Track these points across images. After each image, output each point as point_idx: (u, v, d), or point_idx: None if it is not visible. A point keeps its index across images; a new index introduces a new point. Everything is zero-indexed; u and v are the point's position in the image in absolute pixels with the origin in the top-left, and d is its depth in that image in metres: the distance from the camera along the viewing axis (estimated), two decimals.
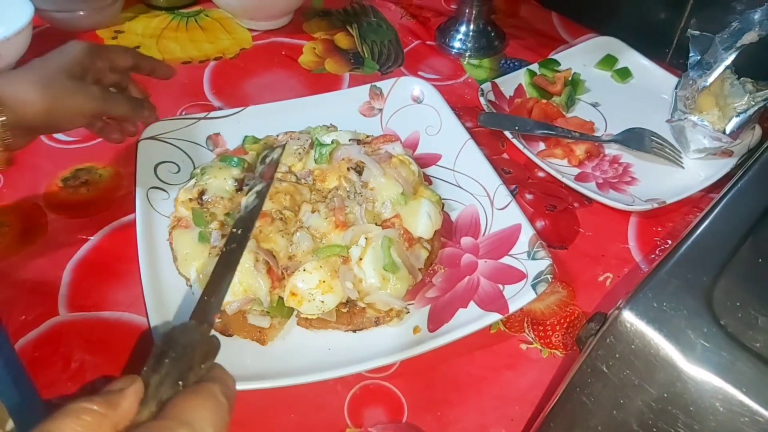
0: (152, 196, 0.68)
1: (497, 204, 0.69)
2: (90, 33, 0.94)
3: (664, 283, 0.40)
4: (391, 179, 0.65)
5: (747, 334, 0.38)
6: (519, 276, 0.63)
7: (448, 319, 0.60)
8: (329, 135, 0.71)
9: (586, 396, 0.41)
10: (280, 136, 0.74)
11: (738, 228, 0.44)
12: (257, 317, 0.58)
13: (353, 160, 0.67)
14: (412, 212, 0.65)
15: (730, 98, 0.74)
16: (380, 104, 0.80)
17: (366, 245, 0.61)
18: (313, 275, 0.58)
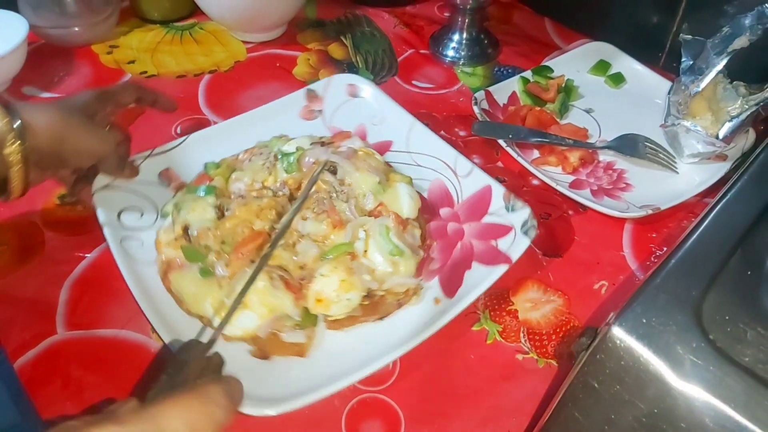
0: (127, 246, 0.64)
1: (461, 173, 0.73)
2: (85, 48, 0.95)
3: (653, 297, 0.40)
4: (365, 171, 0.67)
5: (736, 349, 0.38)
6: (506, 229, 0.66)
7: (460, 283, 0.63)
8: (288, 144, 0.72)
9: (578, 411, 0.41)
10: (240, 156, 0.73)
11: (727, 240, 0.44)
12: (291, 334, 0.58)
13: (323, 161, 0.67)
14: (393, 197, 0.68)
15: (723, 102, 0.74)
16: (319, 105, 0.81)
17: (366, 237, 0.63)
18: (332, 278, 0.59)
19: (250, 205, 0.64)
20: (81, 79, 0.90)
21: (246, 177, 0.67)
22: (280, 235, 0.59)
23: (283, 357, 0.57)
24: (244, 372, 0.52)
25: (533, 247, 0.70)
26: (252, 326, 0.57)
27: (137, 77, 0.88)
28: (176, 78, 0.91)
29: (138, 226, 0.66)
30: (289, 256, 0.61)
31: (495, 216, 0.68)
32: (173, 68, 0.92)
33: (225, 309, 0.55)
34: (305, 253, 0.61)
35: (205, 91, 0.89)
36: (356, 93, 0.82)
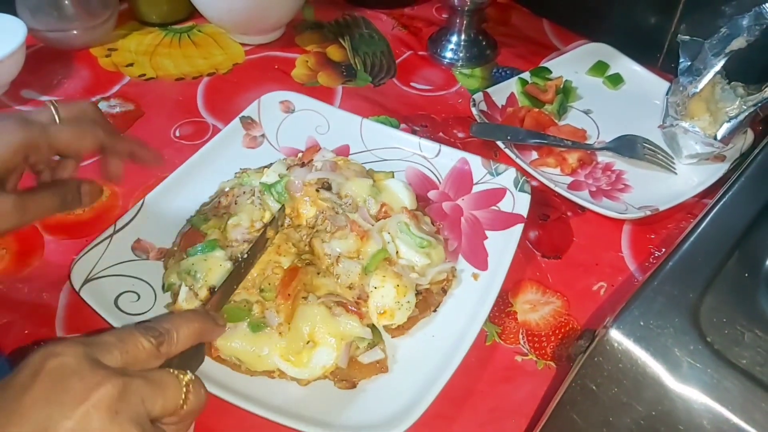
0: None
1: (429, 155, 0.75)
2: (83, 51, 0.95)
3: (651, 300, 0.40)
4: (356, 179, 0.68)
5: (733, 351, 0.38)
6: (500, 192, 0.70)
7: (484, 254, 0.66)
8: (266, 175, 0.69)
9: (576, 414, 0.41)
10: (222, 201, 0.68)
11: (724, 243, 0.44)
12: (369, 354, 0.58)
13: (313, 182, 0.66)
14: (390, 195, 0.68)
15: (721, 103, 0.74)
16: (259, 131, 0.79)
17: (393, 239, 0.63)
18: (386, 287, 0.59)
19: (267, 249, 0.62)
20: (79, 82, 0.90)
21: (243, 220, 0.64)
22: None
23: (368, 379, 0.57)
24: (343, 407, 0.55)
25: (532, 249, 0.70)
26: (330, 361, 0.56)
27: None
28: (175, 80, 0.91)
29: (142, 310, 0.61)
30: (333, 281, 0.60)
31: (483, 184, 0.71)
32: (172, 71, 0.92)
33: (295, 355, 0.55)
34: (348, 273, 0.60)
35: (204, 94, 0.89)
36: (291, 108, 0.80)
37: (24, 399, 0.37)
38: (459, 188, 0.72)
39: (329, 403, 0.55)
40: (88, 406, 0.37)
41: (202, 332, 0.47)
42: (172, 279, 0.62)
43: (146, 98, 0.88)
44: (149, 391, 0.39)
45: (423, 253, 0.63)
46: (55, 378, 0.37)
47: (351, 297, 0.59)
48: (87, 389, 0.37)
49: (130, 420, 0.37)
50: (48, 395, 0.37)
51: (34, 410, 0.36)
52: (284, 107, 0.81)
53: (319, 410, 0.54)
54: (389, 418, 0.53)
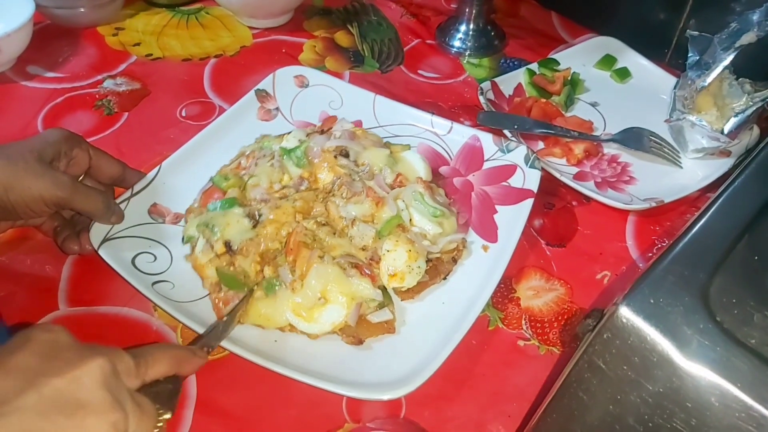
0: (161, 289, 0.60)
1: (441, 132, 0.76)
2: (91, 29, 0.95)
3: (661, 279, 0.40)
4: (373, 148, 0.69)
5: (742, 331, 0.38)
6: (511, 169, 0.71)
7: (494, 227, 0.68)
8: (286, 140, 0.70)
9: (582, 391, 0.41)
10: (242, 162, 0.69)
11: (734, 226, 0.44)
12: (378, 314, 0.59)
13: (332, 149, 0.67)
14: (407, 166, 0.69)
15: (728, 98, 0.75)
16: (273, 104, 0.79)
17: (407, 207, 0.64)
18: (398, 251, 0.60)
19: (284, 207, 0.62)
20: (86, 60, 0.90)
21: (263, 181, 0.66)
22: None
23: (375, 338, 0.58)
24: (348, 362, 0.56)
25: (537, 237, 0.70)
26: (340, 318, 0.57)
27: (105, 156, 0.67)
28: (182, 61, 0.91)
29: (158, 270, 0.62)
30: (347, 242, 0.61)
31: (494, 161, 0.73)
32: (179, 51, 0.92)
33: (306, 311, 0.56)
34: (362, 236, 0.61)
35: (211, 75, 0.89)
36: (305, 83, 0.81)
37: (12, 358, 0.37)
38: (470, 164, 0.73)
39: (336, 357, 0.56)
40: (80, 371, 0.37)
41: (178, 360, 0.47)
42: (191, 232, 0.63)
43: (152, 77, 0.87)
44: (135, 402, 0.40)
45: (435, 222, 0.64)
46: (47, 347, 0.38)
47: (364, 258, 0.60)
48: (80, 358, 0.38)
49: (119, 393, 0.39)
50: (39, 359, 0.37)
51: (21, 368, 0.36)
52: (299, 82, 0.81)
53: (325, 365, 0.55)
54: (398, 378, 0.53)
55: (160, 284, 0.60)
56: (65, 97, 0.84)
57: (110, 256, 0.60)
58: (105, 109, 0.82)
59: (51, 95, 0.84)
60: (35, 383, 0.36)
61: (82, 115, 0.81)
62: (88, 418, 0.36)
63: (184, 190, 0.68)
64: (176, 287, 0.60)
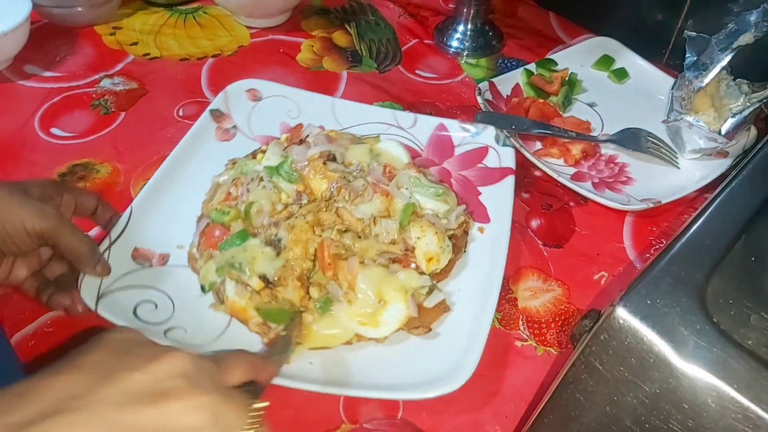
0: (176, 337, 0.56)
1: (406, 125, 0.77)
2: (88, 29, 0.95)
3: (658, 280, 0.40)
4: (353, 146, 0.69)
5: (739, 332, 0.38)
6: (483, 151, 0.74)
7: (483, 208, 0.70)
8: (264, 160, 0.68)
9: (579, 392, 0.41)
10: (231, 191, 0.65)
11: (731, 227, 0.44)
12: (431, 298, 0.60)
13: (316, 156, 0.66)
14: (388, 156, 0.70)
15: (725, 99, 0.75)
16: (230, 122, 0.76)
17: (411, 194, 0.65)
18: (427, 235, 0.62)
19: (299, 225, 0.61)
20: (83, 59, 0.90)
21: (264, 205, 0.63)
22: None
23: (438, 320, 0.59)
24: (429, 354, 0.57)
25: (534, 237, 0.70)
26: (403, 313, 0.57)
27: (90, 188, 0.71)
28: (179, 61, 0.90)
29: (163, 318, 0.58)
30: (374, 241, 0.61)
31: (465, 146, 0.75)
32: (176, 51, 0.92)
33: (369, 318, 0.57)
34: (388, 231, 0.62)
35: (208, 75, 0.88)
36: (258, 96, 0.79)
37: (87, 357, 0.36)
38: (442, 152, 0.75)
39: (413, 352, 0.57)
40: (158, 364, 0.36)
41: (254, 366, 0.45)
42: (212, 278, 0.59)
43: (150, 77, 0.87)
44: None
45: (441, 201, 0.66)
46: (121, 345, 0.37)
47: (399, 251, 0.61)
48: (157, 354, 0.37)
49: (201, 378, 0.37)
50: (113, 355, 0.36)
51: (96, 364, 0.36)
52: (251, 96, 0.78)
53: (367, 374, 0.56)
54: (441, 375, 0.54)
55: (172, 331, 0.57)
56: (62, 96, 0.83)
57: (112, 314, 0.56)
58: (102, 109, 0.82)
59: (48, 94, 0.83)
60: (111, 377, 0.35)
61: (79, 114, 0.81)
62: (171, 404, 0.35)
63: (162, 229, 0.64)
64: (189, 332, 0.57)
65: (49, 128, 0.79)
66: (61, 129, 0.79)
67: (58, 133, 0.78)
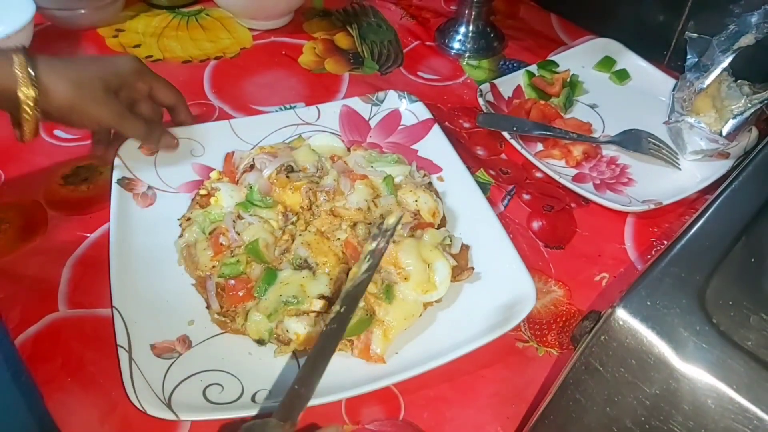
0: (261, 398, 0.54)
1: (311, 119, 0.78)
2: (91, 31, 0.95)
3: (658, 281, 0.41)
4: (297, 152, 0.70)
5: (739, 333, 0.38)
6: (395, 114, 0.79)
7: (427, 161, 0.75)
8: (218, 204, 0.66)
9: (580, 393, 0.41)
10: (222, 242, 0.62)
11: (731, 228, 0.44)
12: (455, 244, 0.65)
13: (275, 173, 0.66)
14: (328, 148, 0.73)
15: (726, 100, 0.75)
16: (142, 186, 0.70)
17: (374, 169, 0.69)
18: (420, 196, 0.66)
19: (315, 239, 0.62)
20: None
21: (268, 239, 0.62)
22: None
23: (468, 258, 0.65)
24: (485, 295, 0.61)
25: (535, 239, 0.70)
26: (448, 268, 0.61)
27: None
28: (182, 63, 0.91)
29: (234, 398, 0.53)
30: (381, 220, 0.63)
31: (377, 116, 0.79)
32: (179, 53, 0.92)
33: (426, 283, 0.60)
34: (388, 206, 0.65)
35: (211, 77, 0.89)
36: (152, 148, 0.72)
37: None
38: (360, 130, 0.78)
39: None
40: None
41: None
42: (267, 326, 0.57)
43: None
44: None
45: (401, 164, 0.70)
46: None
47: (411, 219, 0.64)
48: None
49: None
50: None
51: None
52: (146, 150, 0.72)
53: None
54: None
55: (258, 395, 0.54)
56: None
57: (192, 414, 0.51)
58: None
59: None
60: None
61: None
62: None
63: (162, 317, 0.59)
64: (272, 390, 0.55)
65: (53, 130, 0.79)
66: (64, 131, 0.79)
67: (61, 136, 0.79)
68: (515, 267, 0.62)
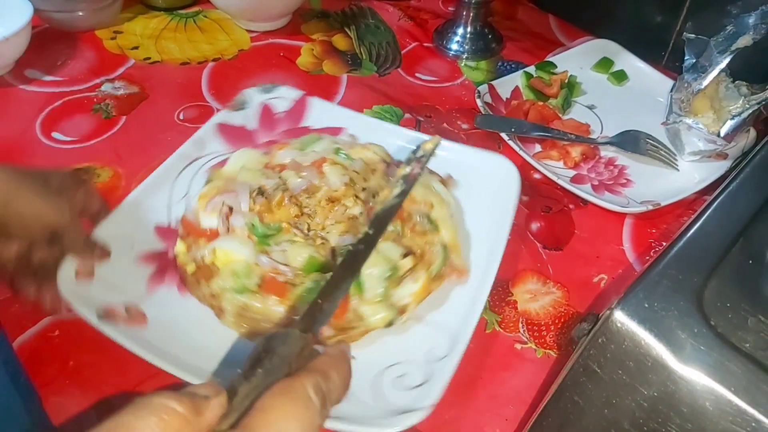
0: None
1: (216, 153, 0.73)
2: (89, 33, 0.95)
3: (656, 283, 0.41)
4: (241, 176, 0.64)
5: (737, 335, 0.38)
6: (300, 104, 0.77)
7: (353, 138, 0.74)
8: (229, 245, 0.58)
9: (578, 395, 0.41)
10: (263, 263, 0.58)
11: (729, 230, 0.44)
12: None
13: (249, 207, 0.61)
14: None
15: (725, 101, 0.75)
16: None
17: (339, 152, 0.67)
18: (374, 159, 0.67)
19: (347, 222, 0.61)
20: (84, 63, 0.90)
21: (301, 254, 0.58)
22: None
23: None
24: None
25: (533, 240, 0.70)
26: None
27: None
28: (180, 65, 0.91)
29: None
30: (378, 185, 0.63)
31: (280, 112, 0.77)
32: (177, 55, 0.92)
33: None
34: (367, 177, 0.64)
35: (209, 79, 0.89)
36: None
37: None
38: (272, 126, 0.76)
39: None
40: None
41: (348, 377, 0.39)
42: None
43: (151, 81, 0.88)
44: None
45: (324, 140, 0.69)
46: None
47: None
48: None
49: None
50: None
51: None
52: (84, 274, 0.59)
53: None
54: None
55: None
56: (63, 101, 0.84)
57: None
58: (103, 113, 0.82)
59: (49, 99, 0.84)
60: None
61: (80, 118, 0.81)
62: None
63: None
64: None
65: (50, 132, 0.79)
66: (62, 133, 0.79)
67: (59, 138, 0.79)
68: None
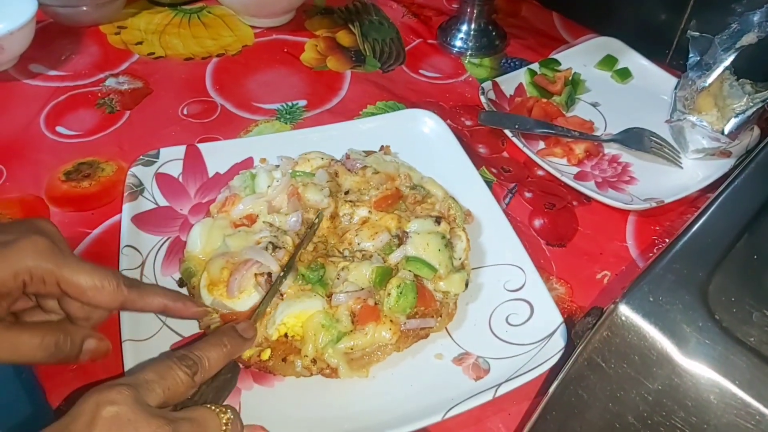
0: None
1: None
2: (93, 28, 0.95)
3: (660, 278, 0.41)
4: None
5: (741, 329, 0.38)
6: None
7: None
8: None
9: (582, 389, 0.41)
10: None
11: (733, 225, 0.44)
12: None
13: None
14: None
15: (728, 99, 0.75)
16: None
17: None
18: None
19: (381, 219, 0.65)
20: (88, 58, 0.90)
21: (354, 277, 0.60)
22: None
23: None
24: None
25: (537, 237, 0.70)
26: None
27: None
28: (184, 60, 0.91)
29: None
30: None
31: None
32: (181, 50, 0.92)
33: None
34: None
35: (213, 74, 0.89)
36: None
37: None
38: (182, 197, 0.70)
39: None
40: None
41: (231, 352, 0.48)
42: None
43: (155, 76, 0.88)
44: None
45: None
46: (111, 427, 0.38)
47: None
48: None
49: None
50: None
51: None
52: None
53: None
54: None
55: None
56: (67, 95, 0.84)
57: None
58: (107, 108, 0.82)
59: (53, 93, 0.84)
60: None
61: (84, 113, 0.81)
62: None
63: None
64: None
65: (55, 127, 0.79)
66: (66, 128, 0.79)
67: (63, 132, 0.79)
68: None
